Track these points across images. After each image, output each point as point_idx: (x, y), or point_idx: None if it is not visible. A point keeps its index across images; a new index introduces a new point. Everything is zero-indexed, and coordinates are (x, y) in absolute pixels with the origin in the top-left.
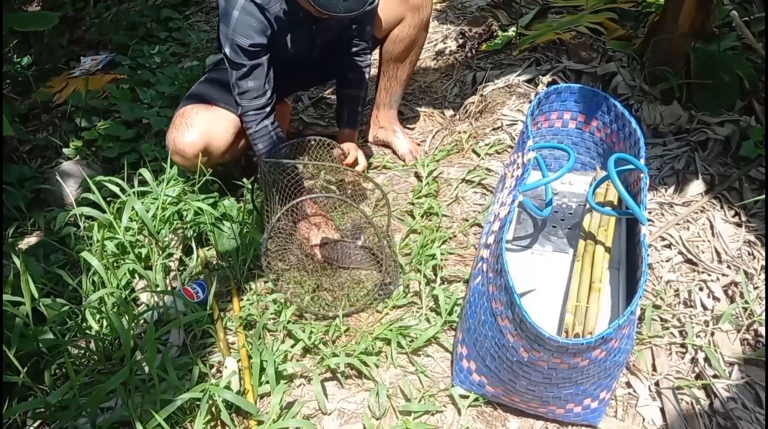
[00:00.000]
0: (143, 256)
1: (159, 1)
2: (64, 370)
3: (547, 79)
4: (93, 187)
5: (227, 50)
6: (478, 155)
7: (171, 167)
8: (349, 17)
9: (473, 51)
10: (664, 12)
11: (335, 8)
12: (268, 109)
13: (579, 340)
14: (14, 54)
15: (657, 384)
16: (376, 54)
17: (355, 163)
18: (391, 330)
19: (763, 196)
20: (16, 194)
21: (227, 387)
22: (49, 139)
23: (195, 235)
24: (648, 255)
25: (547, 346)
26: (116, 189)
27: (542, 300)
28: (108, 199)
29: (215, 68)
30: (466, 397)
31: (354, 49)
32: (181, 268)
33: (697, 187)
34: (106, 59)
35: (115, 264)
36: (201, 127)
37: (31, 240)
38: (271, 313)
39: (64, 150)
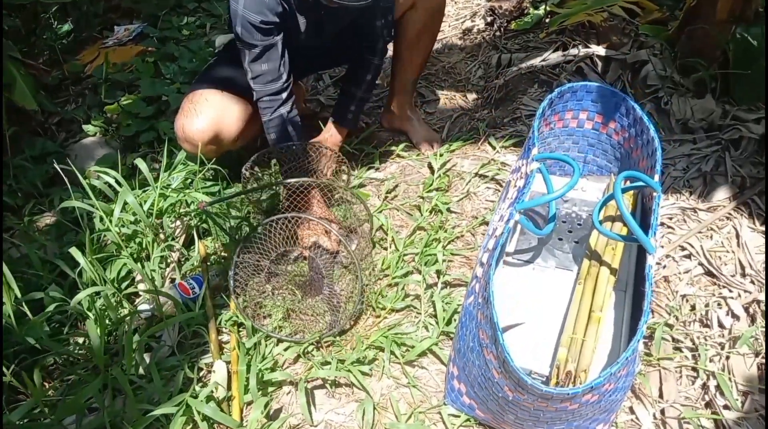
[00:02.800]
0: (143, 246)
1: None
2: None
3: (572, 66)
4: (81, 179)
5: (238, 29)
6: (494, 148)
7: (180, 151)
8: (356, 7)
9: (501, 30)
10: None
11: None
12: (284, 94)
13: (564, 390)
14: (54, 21)
15: (662, 412)
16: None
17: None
18: (386, 337)
19: None
20: (34, 171)
21: (210, 396)
22: (74, 113)
23: (199, 223)
24: (652, 291)
25: (531, 391)
26: (112, 181)
27: (537, 325)
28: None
29: (226, 49)
30: (457, 416)
31: (365, 44)
32: (183, 259)
33: (724, 191)
34: (138, 29)
35: (116, 252)
36: (210, 114)
37: (48, 219)
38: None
39: (85, 127)
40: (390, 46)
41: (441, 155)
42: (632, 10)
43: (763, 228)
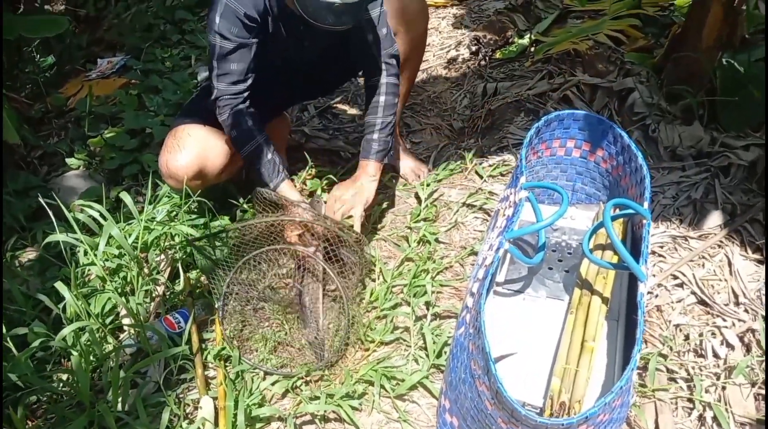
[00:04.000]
0: (128, 280)
1: (174, 2)
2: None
3: (558, 94)
4: (69, 216)
5: (217, 18)
6: (481, 177)
7: (165, 183)
8: (335, 31)
9: (487, 59)
10: (686, 25)
11: (323, 20)
12: (245, 94)
13: (558, 421)
14: (37, 54)
15: None
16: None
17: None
18: (376, 370)
19: None
20: (17, 205)
21: None
22: (57, 147)
23: (184, 256)
24: (644, 319)
25: (525, 422)
26: (96, 214)
27: (530, 356)
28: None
29: (207, 83)
30: None
31: (365, 66)
32: (168, 293)
33: (715, 218)
34: (121, 62)
35: (101, 287)
36: (194, 149)
37: (30, 254)
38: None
39: (68, 160)
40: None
41: (428, 185)
42: (617, 38)
43: (755, 256)
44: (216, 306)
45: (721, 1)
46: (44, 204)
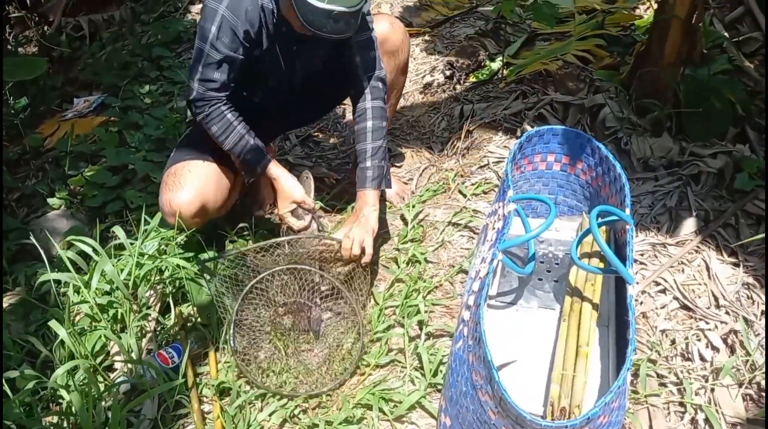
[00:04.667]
0: (119, 317)
1: (151, 39)
2: None
3: (533, 113)
4: (61, 252)
5: (213, 28)
6: (465, 196)
7: (152, 218)
8: (333, 39)
9: (461, 82)
10: (649, 42)
11: (322, 27)
12: (225, 98)
13: (562, 423)
14: (10, 97)
15: None
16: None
17: (361, 254)
18: (373, 394)
19: (762, 235)
20: None
21: None
22: (36, 188)
23: (174, 291)
24: (635, 319)
25: (530, 428)
26: (89, 249)
27: (527, 365)
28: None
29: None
30: None
31: (351, 91)
32: (159, 329)
33: (690, 224)
34: (98, 100)
35: (91, 326)
36: (195, 185)
37: (11, 298)
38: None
39: (49, 200)
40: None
41: (413, 207)
42: (585, 57)
43: (731, 259)
44: (229, 333)
45: (680, 19)
46: (36, 244)
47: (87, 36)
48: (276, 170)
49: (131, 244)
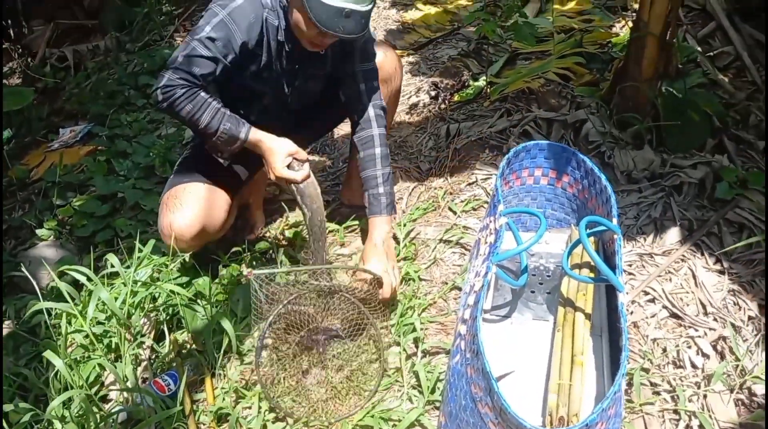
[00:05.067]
0: (113, 346)
1: (137, 68)
2: None
3: (518, 130)
4: (57, 281)
5: (208, 28)
6: (455, 213)
7: (144, 245)
8: (348, 39)
9: (446, 102)
10: (627, 59)
11: (336, 27)
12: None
13: None
14: None
15: None
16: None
17: (392, 294)
18: (372, 415)
19: (743, 242)
20: None
21: None
22: (23, 219)
23: (168, 318)
24: (627, 327)
25: None
26: (83, 278)
27: (524, 376)
28: (81, 283)
29: (196, 141)
30: None
31: (354, 117)
32: (153, 357)
33: (675, 234)
34: (84, 130)
35: (84, 357)
36: (196, 207)
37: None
38: (246, 405)
39: (38, 231)
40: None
41: (404, 225)
42: (565, 75)
43: (716, 266)
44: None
45: (655, 36)
46: (28, 275)
47: (72, 66)
48: (258, 133)
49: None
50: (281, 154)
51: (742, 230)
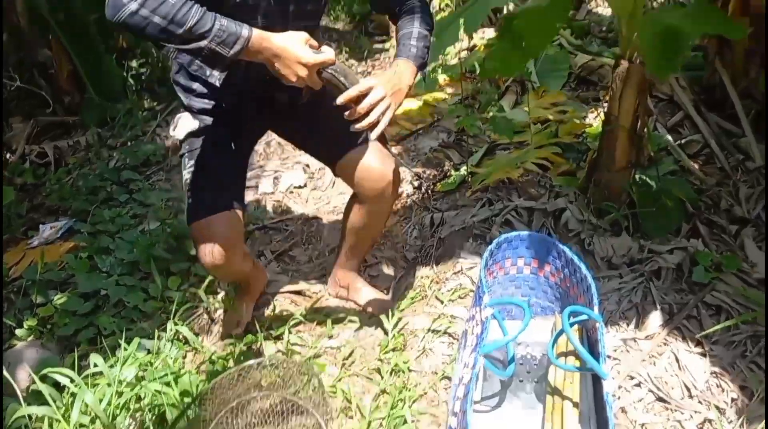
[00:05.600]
0: None
1: (119, 163)
2: None
3: (500, 219)
4: (38, 383)
5: None
6: (442, 302)
7: (128, 343)
8: None
9: (429, 192)
10: (600, 150)
11: None
12: None
13: None
14: None
15: None
16: None
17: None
18: None
19: (721, 325)
20: None
21: None
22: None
23: (154, 418)
24: (613, 414)
25: None
26: (66, 380)
27: None
28: (64, 384)
29: (193, 141)
30: None
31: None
32: None
33: (657, 318)
34: (65, 226)
35: None
36: (224, 236)
37: None
38: None
39: (17, 331)
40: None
41: (392, 315)
42: (543, 164)
43: (697, 349)
44: None
45: (625, 129)
46: (9, 379)
47: (52, 162)
48: (259, 30)
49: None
50: (299, 43)
51: (720, 312)
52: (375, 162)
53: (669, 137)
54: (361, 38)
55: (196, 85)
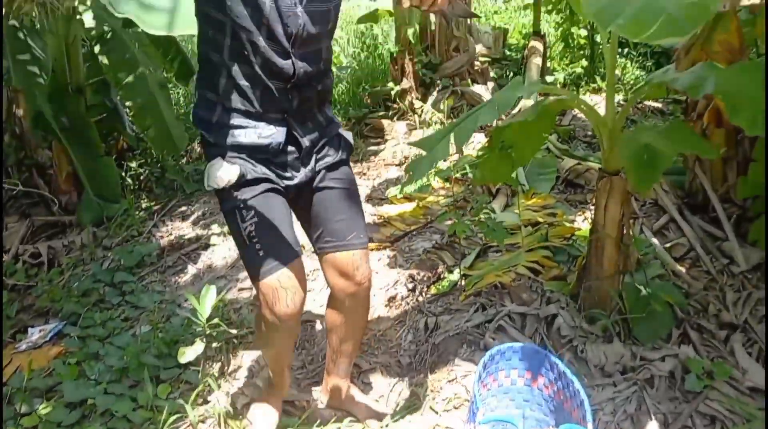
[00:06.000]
0: None
1: (113, 264)
2: None
3: (493, 325)
4: None
5: None
6: (437, 413)
7: None
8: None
9: (423, 294)
10: (588, 257)
11: None
12: None
13: None
14: None
15: None
16: None
17: None
18: None
19: None
20: None
21: None
22: None
23: None
24: None
25: None
26: None
27: None
28: None
29: (247, 202)
30: None
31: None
32: None
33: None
34: (55, 329)
35: None
36: (300, 285)
37: None
38: None
39: None
40: None
41: (387, 426)
42: (535, 268)
43: None
44: None
45: (612, 238)
46: None
47: (45, 262)
48: None
49: None
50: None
51: (714, 422)
52: (355, 266)
53: (655, 240)
54: (357, 140)
55: (237, 120)
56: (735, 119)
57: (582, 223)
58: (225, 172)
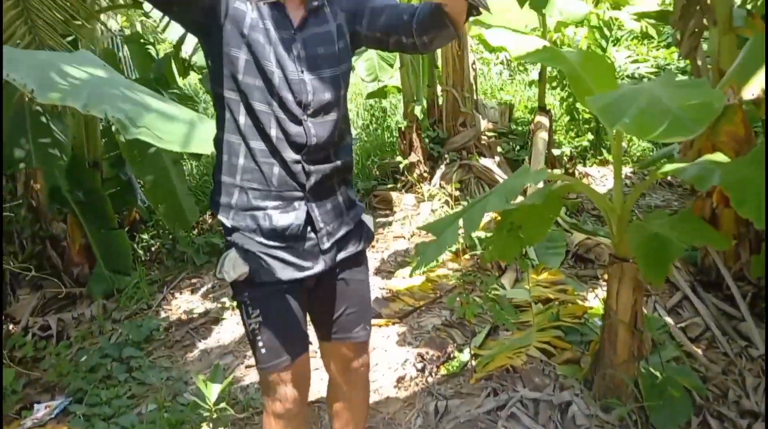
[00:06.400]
0: None
1: (121, 339)
2: None
3: (506, 412)
4: None
5: None
6: None
7: None
8: None
9: (432, 374)
10: (602, 342)
11: None
12: None
13: None
14: None
15: None
16: None
17: None
18: None
19: None
20: None
21: None
22: None
23: None
24: None
25: None
26: None
27: None
28: None
29: (255, 300)
30: None
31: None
32: None
33: None
34: (61, 405)
35: None
36: (302, 383)
37: None
38: None
39: None
40: None
41: None
42: (547, 350)
43: None
44: None
45: (625, 324)
46: None
47: (54, 335)
48: None
49: None
50: None
51: None
52: (356, 356)
53: (669, 319)
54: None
55: (255, 202)
56: (741, 211)
57: (593, 300)
58: (235, 269)
